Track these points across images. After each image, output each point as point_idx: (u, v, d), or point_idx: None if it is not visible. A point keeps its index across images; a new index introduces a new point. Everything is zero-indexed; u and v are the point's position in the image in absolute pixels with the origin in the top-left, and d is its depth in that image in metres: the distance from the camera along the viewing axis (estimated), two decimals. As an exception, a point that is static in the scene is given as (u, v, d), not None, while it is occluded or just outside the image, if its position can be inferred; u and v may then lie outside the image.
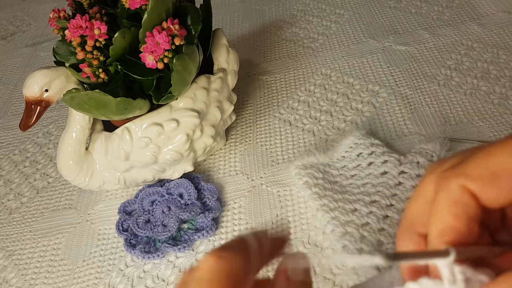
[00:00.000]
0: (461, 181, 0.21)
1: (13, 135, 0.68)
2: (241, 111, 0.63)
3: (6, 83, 0.79)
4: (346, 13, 0.78)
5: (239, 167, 0.56)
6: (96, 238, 0.52)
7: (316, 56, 0.70)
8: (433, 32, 0.69)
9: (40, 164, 0.63)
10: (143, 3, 0.44)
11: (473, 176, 0.21)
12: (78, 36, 0.44)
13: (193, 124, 0.50)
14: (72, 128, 0.50)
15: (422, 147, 0.51)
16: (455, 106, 0.57)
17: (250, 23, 0.81)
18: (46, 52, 0.84)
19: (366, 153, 0.51)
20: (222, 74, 0.53)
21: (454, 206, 0.21)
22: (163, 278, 0.47)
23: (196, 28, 0.47)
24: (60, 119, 0.69)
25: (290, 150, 0.57)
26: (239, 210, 0.51)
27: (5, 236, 0.54)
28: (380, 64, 0.66)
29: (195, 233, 0.49)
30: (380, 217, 0.45)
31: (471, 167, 0.21)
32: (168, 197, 0.52)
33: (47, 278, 0.49)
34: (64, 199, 0.57)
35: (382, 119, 0.58)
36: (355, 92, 0.62)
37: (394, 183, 0.48)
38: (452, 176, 0.21)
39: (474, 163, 0.21)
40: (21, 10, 0.98)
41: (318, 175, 0.50)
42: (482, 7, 0.72)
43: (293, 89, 0.65)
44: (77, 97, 0.45)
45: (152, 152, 0.50)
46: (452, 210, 0.21)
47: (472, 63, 0.63)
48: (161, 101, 0.48)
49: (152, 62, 0.45)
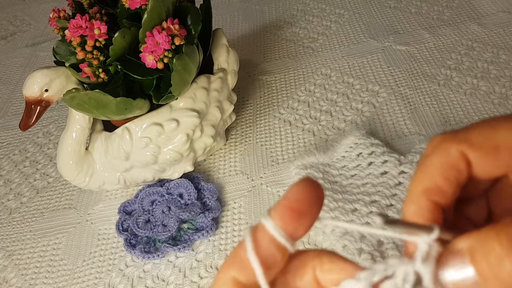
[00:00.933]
0: (461, 147, 0.21)
1: (13, 135, 0.68)
2: (241, 111, 0.63)
3: (6, 83, 0.79)
4: (346, 13, 0.78)
5: (239, 167, 0.56)
6: (96, 238, 0.52)
7: (316, 56, 0.70)
8: (433, 32, 0.69)
9: (40, 164, 0.62)
10: (143, 3, 0.44)
11: (475, 144, 0.21)
12: (78, 36, 0.44)
13: (193, 124, 0.50)
14: (72, 128, 0.50)
15: (422, 147, 0.51)
16: (455, 106, 0.57)
17: (250, 23, 0.81)
18: (46, 52, 0.84)
19: (366, 153, 0.51)
20: (222, 74, 0.53)
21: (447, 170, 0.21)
22: (163, 278, 0.47)
23: (196, 28, 0.47)
24: (60, 119, 0.69)
25: (290, 150, 0.57)
26: (239, 210, 0.51)
27: (5, 236, 0.54)
28: (380, 64, 0.66)
29: (195, 233, 0.49)
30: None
31: (474, 135, 0.21)
32: (168, 197, 0.52)
33: (47, 278, 0.49)
34: (64, 199, 0.57)
35: (382, 119, 0.58)
36: (355, 92, 0.62)
37: (394, 183, 0.48)
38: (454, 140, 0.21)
39: (479, 133, 0.21)
40: (21, 10, 0.98)
41: (318, 175, 0.50)
42: (482, 7, 0.72)
43: (293, 89, 0.65)
44: (77, 97, 0.45)
45: (152, 152, 0.50)
46: (444, 173, 0.21)
47: (472, 63, 0.63)
48: (161, 101, 0.48)
49: (152, 62, 0.45)
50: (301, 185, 0.20)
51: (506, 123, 0.21)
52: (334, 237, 0.45)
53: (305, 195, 0.20)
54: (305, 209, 0.20)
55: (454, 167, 0.21)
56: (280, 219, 0.20)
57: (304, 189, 0.20)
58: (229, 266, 0.20)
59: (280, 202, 0.20)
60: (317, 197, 0.20)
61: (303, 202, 0.20)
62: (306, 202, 0.20)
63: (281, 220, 0.20)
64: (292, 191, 0.20)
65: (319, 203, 0.20)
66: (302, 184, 0.20)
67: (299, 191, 0.20)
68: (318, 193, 0.20)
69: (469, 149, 0.21)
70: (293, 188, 0.20)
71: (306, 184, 0.20)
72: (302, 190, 0.20)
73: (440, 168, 0.21)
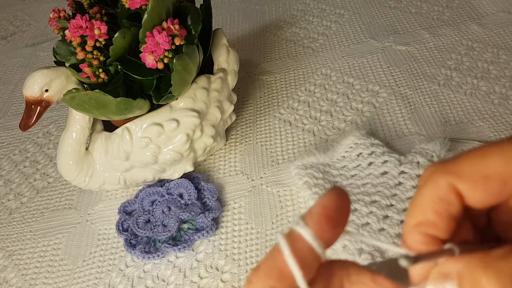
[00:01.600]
0: (450, 179, 0.20)
1: (13, 135, 0.68)
2: (241, 111, 0.63)
3: (6, 83, 0.79)
4: (346, 13, 0.78)
5: (239, 167, 0.56)
6: (96, 238, 0.52)
7: (316, 56, 0.70)
8: (433, 32, 0.69)
9: (40, 164, 0.62)
10: (143, 3, 0.44)
11: (464, 176, 0.20)
12: (78, 36, 0.44)
13: (193, 124, 0.50)
14: (72, 128, 0.50)
15: (422, 147, 0.51)
16: (455, 106, 0.57)
17: (250, 23, 0.81)
18: (46, 52, 0.84)
19: (366, 153, 0.51)
20: (222, 74, 0.53)
21: (437, 203, 0.21)
22: (163, 278, 0.47)
23: (196, 28, 0.47)
24: (60, 119, 0.69)
25: (290, 150, 0.57)
26: (239, 210, 0.51)
27: (5, 236, 0.54)
28: (380, 64, 0.66)
29: (195, 233, 0.49)
30: (380, 217, 0.45)
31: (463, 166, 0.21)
32: (168, 197, 0.52)
33: (47, 278, 0.49)
34: (64, 199, 0.57)
35: (382, 119, 0.58)
36: (355, 92, 0.62)
37: (394, 183, 0.48)
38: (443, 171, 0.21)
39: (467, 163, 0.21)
40: (21, 10, 0.98)
41: (318, 175, 0.50)
42: (482, 7, 0.72)
43: (293, 89, 0.65)
44: (77, 97, 0.45)
45: (152, 152, 0.50)
46: (435, 207, 0.21)
47: (472, 63, 0.63)
48: (161, 101, 0.48)
49: (152, 62, 0.45)
50: (334, 194, 0.20)
51: (496, 150, 0.20)
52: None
53: (339, 204, 0.20)
54: (339, 218, 0.20)
55: (444, 200, 0.21)
56: (318, 227, 0.20)
57: (337, 197, 0.20)
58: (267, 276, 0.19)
59: (315, 211, 0.20)
60: (348, 206, 0.21)
61: (337, 211, 0.20)
62: (340, 211, 0.20)
63: (318, 229, 0.20)
64: (326, 199, 0.20)
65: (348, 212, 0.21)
66: (336, 193, 0.20)
67: (333, 200, 0.20)
68: (348, 202, 0.21)
69: (458, 181, 0.20)
70: (327, 196, 0.20)
71: (339, 193, 0.20)
72: (336, 199, 0.20)
73: (430, 202, 0.21)
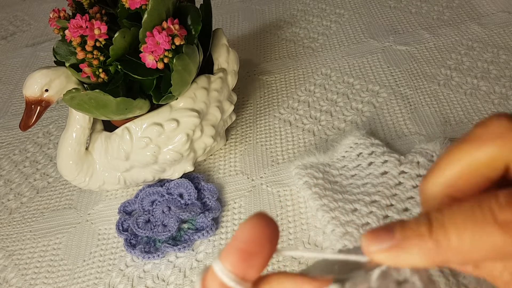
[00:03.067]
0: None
1: (13, 135, 0.68)
2: (241, 111, 0.63)
3: (6, 83, 0.79)
4: (346, 13, 0.78)
5: (239, 167, 0.56)
6: (96, 238, 0.52)
7: (316, 56, 0.70)
8: (433, 32, 0.69)
9: (40, 164, 0.63)
10: (143, 3, 0.44)
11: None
12: (78, 36, 0.44)
13: (193, 124, 0.50)
14: (72, 128, 0.50)
15: (422, 147, 0.51)
16: (455, 106, 0.57)
17: (250, 23, 0.81)
18: (46, 52, 0.84)
19: (366, 153, 0.51)
20: (222, 74, 0.53)
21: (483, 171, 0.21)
22: (163, 278, 0.47)
23: (196, 28, 0.47)
24: (60, 119, 0.69)
25: (290, 150, 0.57)
26: (239, 210, 0.51)
27: (5, 236, 0.54)
28: (380, 64, 0.66)
29: (195, 233, 0.49)
30: (380, 217, 0.45)
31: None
32: (168, 197, 0.52)
33: (47, 278, 0.49)
34: (64, 199, 0.57)
35: (382, 119, 0.58)
36: (355, 92, 0.62)
37: (394, 183, 0.48)
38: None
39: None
40: (21, 10, 0.98)
41: (318, 175, 0.50)
42: (482, 7, 0.72)
43: (293, 89, 0.65)
44: (77, 97, 0.45)
45: (152, 152, 0.50)
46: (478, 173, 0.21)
47: (472, 63, 0.63)
48: (161, 101, 0.48)
49: (152, 62, 0.45)
50: (249, 224, 0.20)
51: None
52: (334, 237, 0.45)
53: (255, 235, 0.19)
54: (255, 249, 0.19)
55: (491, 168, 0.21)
56: (229, 262, 0.19)
57: (252, 228, 0.19)
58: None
59: (230, 243, 0.20)
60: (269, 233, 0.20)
61: (252, 242, 0.19)
62: (256, 242, 0.19)
63: (229, 263, 0.19)
64: (240, 231, 0.20)
65: (272, 239, 0.20)
66: (251, 223, 0.20)
67: (247, 231, 0.19)
68: (271, 229, 0.20)
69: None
70: (241, 227, 0.20)
71: (256, 222, 0.20)
72: (250, 229, 0.19)
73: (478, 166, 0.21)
